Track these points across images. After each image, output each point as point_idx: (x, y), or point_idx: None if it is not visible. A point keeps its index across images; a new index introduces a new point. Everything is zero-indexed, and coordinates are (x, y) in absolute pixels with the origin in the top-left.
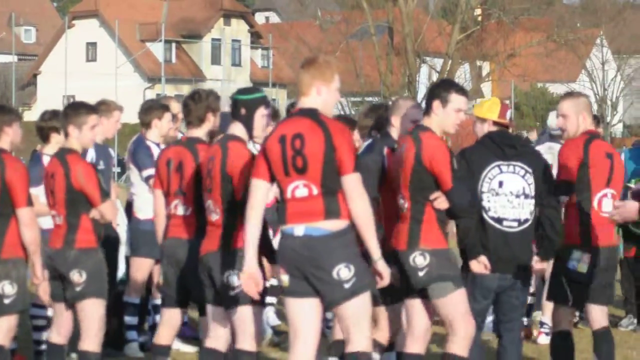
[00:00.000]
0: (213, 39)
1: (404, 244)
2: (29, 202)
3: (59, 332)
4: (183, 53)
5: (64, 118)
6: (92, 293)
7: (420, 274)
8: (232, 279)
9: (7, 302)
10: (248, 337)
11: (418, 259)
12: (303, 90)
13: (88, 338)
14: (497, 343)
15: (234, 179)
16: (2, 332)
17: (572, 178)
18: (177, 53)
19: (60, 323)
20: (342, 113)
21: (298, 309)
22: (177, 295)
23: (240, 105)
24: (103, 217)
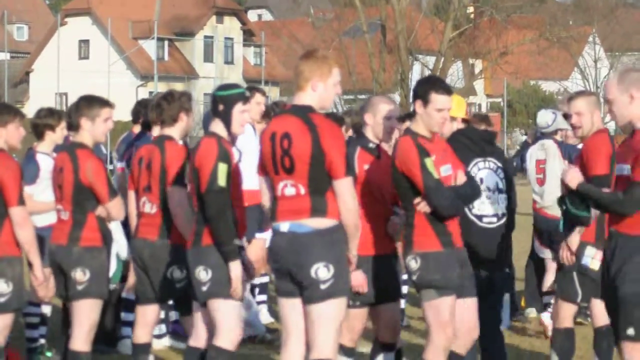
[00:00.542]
0: (205, 37)
1: (402, 249)
2: (21, 201)
3: None
4: (176, 51)
5: (76, 110)
6: (93, 293)
7: (414, 278)
8: (202, 275)
9: (1, 300)
10: (221, 333)
11: (411, 263)
12: (299, 84)
13: (79, 337)
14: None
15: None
16: None
17: (609, 172)
18: (169, 51)
19: None
20: (334, 111)
21: (289, 309)
22: (150, 293)
23: (219, 102)
24: (110, 215)
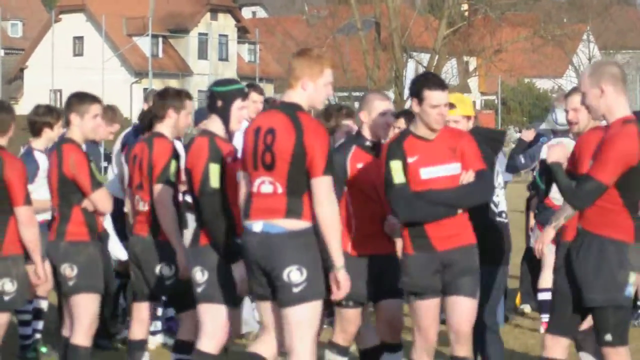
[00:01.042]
0: (200, 34)
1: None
2: (27, 200)
3: (68, 325)
4: (170, 47)
5: (67, 106)
6: (84, 288)
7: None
8: (198, 276)
9: (6, 299)
10: (205, 336)
11: (401, 264)
12: (290, 82)
13: (79, 332)
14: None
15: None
16: None
17: None
18: (164, 47)
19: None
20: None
21: (263, 310)
22: (145, 289)
23: (217, 97)
24: (96, 207)
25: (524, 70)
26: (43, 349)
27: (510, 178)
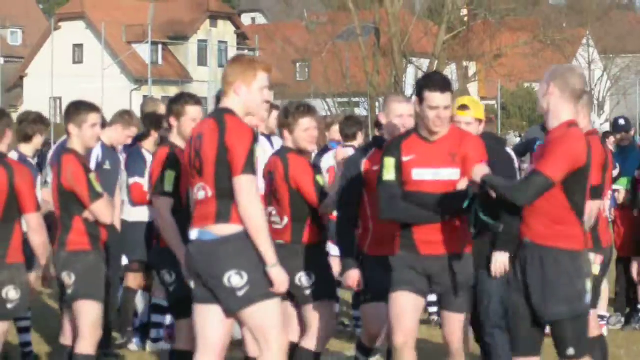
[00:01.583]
0: (199, 41)
1: None
2: (37, 207)
3: (67, 334)
4: (169, 54)
5: (65, 117)
6: (82, 295)
7: None
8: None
9: (10, 307)
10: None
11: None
12: (224, 89)
13: (80, 340)
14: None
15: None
16: None
17: (601, 181)
18: (163, 55)
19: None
20: (328, 114)
21: (202, 315)
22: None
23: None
24: (96, 217)
25: (524, 75)
26: None
27: None
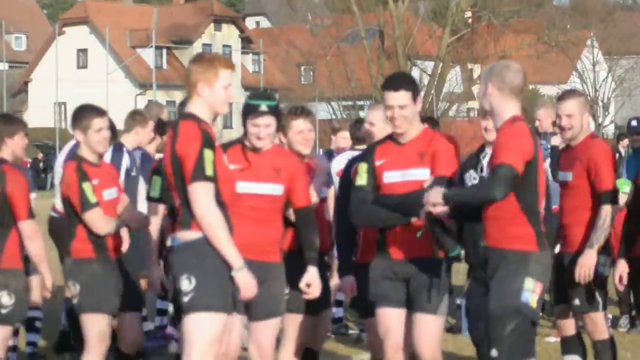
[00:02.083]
0: (204, 45)
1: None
2: (30, 214)
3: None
4: (174, 59)
5: (72, 123)
6: (86, 308)
7: None
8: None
9: (4, 312)
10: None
11: None
12: (188, 91)
13: (86, 354)
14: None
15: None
16: None
17: (613, 186)
18: (168, 59)
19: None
20: (333, 117)
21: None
22: None
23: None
24: (90, 228)
25: (528, 77)
26: None
27: None
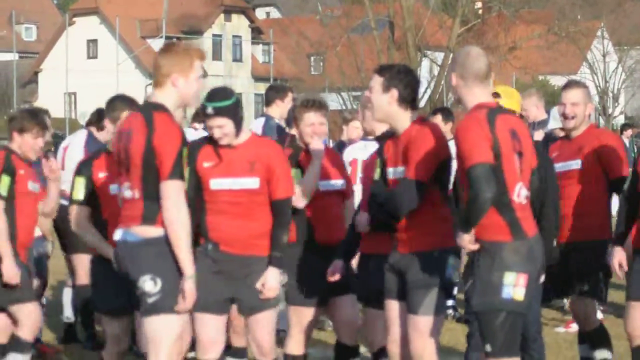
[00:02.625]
0: (214, 35)
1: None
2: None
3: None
4: None
5: (105, 112)
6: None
7: None
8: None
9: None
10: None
11: None
12: (158, 80)
13: (105, 349)
14: None
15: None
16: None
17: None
18: None
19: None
20: (343, 108)
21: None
22: None
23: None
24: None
25: (538, 68)
26: None
27: None
